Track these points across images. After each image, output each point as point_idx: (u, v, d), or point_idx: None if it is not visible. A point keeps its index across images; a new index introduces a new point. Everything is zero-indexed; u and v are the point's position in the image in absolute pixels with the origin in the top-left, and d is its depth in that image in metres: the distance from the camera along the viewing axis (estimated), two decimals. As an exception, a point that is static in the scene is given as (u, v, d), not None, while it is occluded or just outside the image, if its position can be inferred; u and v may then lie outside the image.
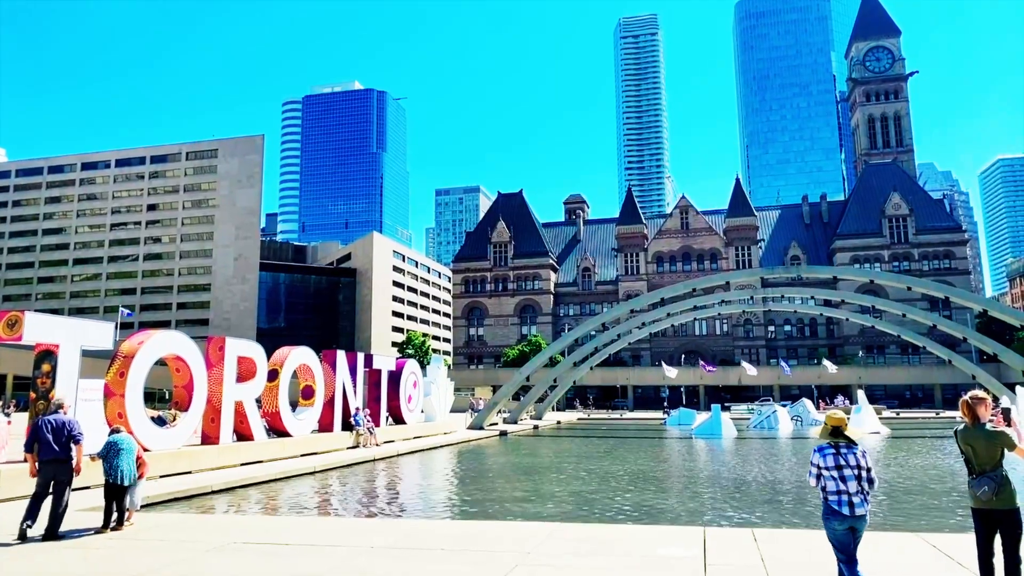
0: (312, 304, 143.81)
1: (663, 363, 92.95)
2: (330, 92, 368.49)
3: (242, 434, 25.06)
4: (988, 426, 7.26)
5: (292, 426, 28.03)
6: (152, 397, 54.37)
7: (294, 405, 29.81)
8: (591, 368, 69.33)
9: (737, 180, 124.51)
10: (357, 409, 33.27)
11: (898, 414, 77.32)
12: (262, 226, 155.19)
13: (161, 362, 22.01)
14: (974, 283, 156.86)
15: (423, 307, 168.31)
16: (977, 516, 7.25)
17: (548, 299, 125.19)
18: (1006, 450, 7.10)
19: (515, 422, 57.33)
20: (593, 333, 72.00)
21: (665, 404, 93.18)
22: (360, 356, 35.91)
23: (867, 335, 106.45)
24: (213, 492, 19.34)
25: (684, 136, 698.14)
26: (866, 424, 47.93)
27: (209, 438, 23.35)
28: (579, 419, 75.21)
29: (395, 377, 38.23)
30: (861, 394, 54.52)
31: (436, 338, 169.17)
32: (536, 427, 56.67)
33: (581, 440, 45.67)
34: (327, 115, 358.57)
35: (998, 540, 7.18)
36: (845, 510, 6.97)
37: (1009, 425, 32.61)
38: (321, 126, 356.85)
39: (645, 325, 67.20)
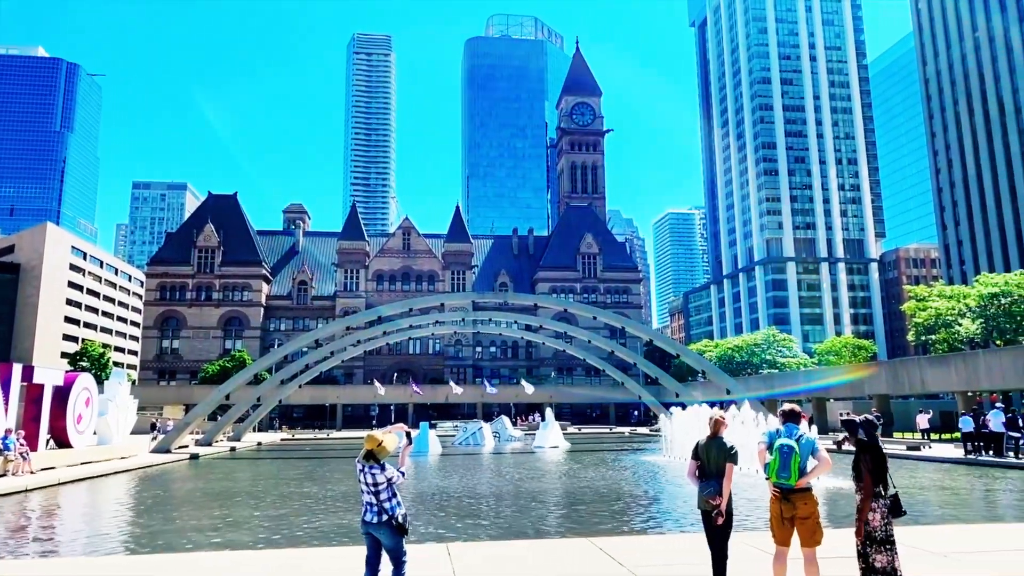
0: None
1: (375, 381, 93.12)
2: (3, 54, 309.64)
3: None
4: (724, 441, 8.46)
5: (-92, 453, 22.54)
6: None
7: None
8: (300, 386, 66.71)
9: (457, 208, 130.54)
10: (8, 431, 27.96)
11: (580, 430, 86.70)
12: None
13: None
14: (645, 316, 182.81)
15: (106, 314, 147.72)
16: (703, 517, 8.40)
17: (258, 312, 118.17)
18: (729, 464, 8.30)
19: (209, 444, 52.85)
20: (305, 349, 69.52)
21: (374, 423, 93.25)
22: (17, 368, 30.38)
23: (560, 358, 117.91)
24: None
25: (412, 159, 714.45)
26: (550, 439, 52.95)
27: None
28: (283, 440, 71.76)
29: (63, 393, 32.90)
30: (549, 411, 60.06)
31: (120, 350, 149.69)
32: (233, 449, 52.82)
33: (283, 462, 43.56)
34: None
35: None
36: (367, 516, 7.92)
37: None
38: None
39: (360, 343, 66.68)
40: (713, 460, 8.35)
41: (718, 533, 8.32)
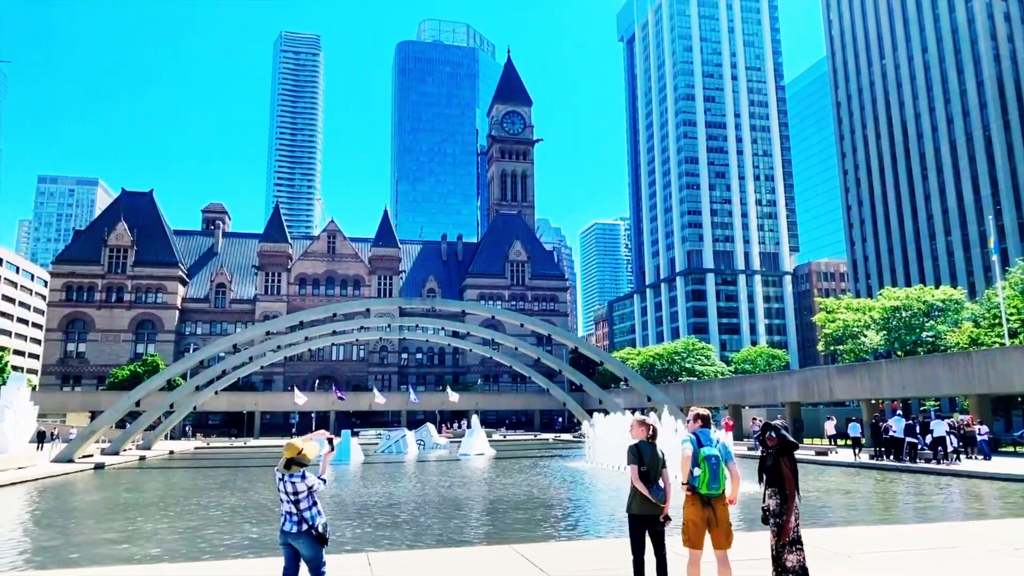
0: None
1: (295, 388, 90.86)
2: None
3: None
4: (657, 446, 8.58)
5: None
6: None
7: None
8: (216, 392, 64.30)
9: (385, 213, 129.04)
10: None
11: (505, 436, 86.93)
12: None
13: None
14: (571, 324, 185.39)
15: (5, 314, 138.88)
16: (638, 521, 8.38)
17: (173, 314, 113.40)
18: (664, 469, 8.49)
19: (117, 453, 50.28)
20: (223, 354, 67.07)
21: (294, 431, 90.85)
22: (-101, 371, 28.08)
23: (486, 365, 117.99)
24: None
25: (339, 161, 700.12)
26: (476, 446, 53.00)
27: None
28: (197, 448, 68.98)
29: (-48, 399, 30.64)
30: (475, 419, 59.98)
31: (20, 353, 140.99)
32: (143, 458, 50.42)
33: (196, 471, 41.84)
34: None
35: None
36: (285, 526, 7.66)
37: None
38: None
39: (281, 348, 64.87)
40: (658, 465, 8.45)
41: (661, 537, 8.45)
